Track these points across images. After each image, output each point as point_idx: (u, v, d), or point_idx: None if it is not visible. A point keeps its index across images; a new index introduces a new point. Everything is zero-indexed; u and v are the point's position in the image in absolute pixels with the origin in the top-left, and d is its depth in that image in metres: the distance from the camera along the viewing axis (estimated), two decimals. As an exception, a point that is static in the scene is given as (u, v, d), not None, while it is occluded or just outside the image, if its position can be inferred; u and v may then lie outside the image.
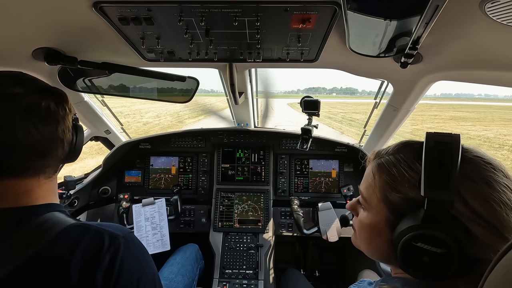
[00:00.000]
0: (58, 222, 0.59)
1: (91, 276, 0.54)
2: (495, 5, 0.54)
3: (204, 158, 1.98)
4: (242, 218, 1.82)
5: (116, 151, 1.84)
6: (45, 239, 0.55)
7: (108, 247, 0.57)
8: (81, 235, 0.58)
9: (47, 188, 0.65)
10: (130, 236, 0.64)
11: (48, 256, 0.54)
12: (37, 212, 0.60)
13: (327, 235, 1.59)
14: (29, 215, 0.59)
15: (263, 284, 1.59)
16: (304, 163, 1.95)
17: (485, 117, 27.77)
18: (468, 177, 0.48)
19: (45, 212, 0.60)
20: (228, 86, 1.33)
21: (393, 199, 0.53)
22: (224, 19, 0.76)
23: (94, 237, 0.58)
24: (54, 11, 0.73)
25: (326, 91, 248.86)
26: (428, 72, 1.07)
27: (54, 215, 0.61)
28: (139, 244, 0.66)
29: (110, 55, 1.11)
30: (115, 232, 0.61)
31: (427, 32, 0.64)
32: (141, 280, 0.60)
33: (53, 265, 0.53)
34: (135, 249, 0.63)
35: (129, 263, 0.59)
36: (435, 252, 0.46)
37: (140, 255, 0.64)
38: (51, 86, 0.66)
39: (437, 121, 23.86)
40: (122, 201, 1.75)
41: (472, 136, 16.29)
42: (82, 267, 0.54)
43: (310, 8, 0.71)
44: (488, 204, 0.46)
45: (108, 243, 0.58)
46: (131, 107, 26.31)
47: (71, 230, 0.58)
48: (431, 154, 0.48)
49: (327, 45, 0.93)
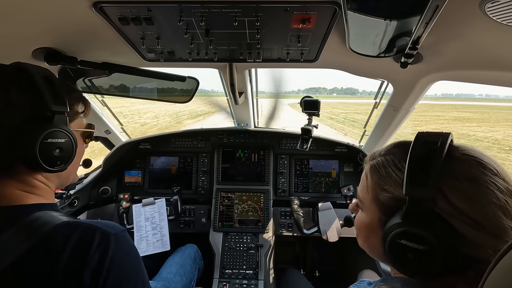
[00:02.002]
0: (49, 221, 0.58)
1: (77, 275, 0.52)
2: (495, 5, 0.54)
3: (204, 158, 1.98)
4: (242, 218, 1.82)
5: (116, 151, 1.84)
6: (35, 238, 0.54)
7: (97, 245, 0.55)
8: (70, 232, 0.56)
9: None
10: (122, 234, 0.61)
11: (36, 254, 0.53)
12: (27, 211, 0.59)
13: (327, 235, 1.59)
14: (19, 214, 0.58)
15: (263, 284, 1.59)
16: (304, 163, 1.95)
17: (490, 117, 27.36)
18: (452, 175, 0.48)
19: (35, 211, 0.59)
20: (228, 86, 1.33)
21: (383, 199, 0.55)
22: (224, 19, 0.76)
23: (84, 235, 0.56)
24: (54, 11, 0.73)
25: (326, 91, 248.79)
26: (428, 72, 1.07)
27: (46, 213, 0.60)
28: (131, 244, 0.64)
29: (110, 55, 1.11)
30: (107, 229, 0.59)
31: (427, 32, 0.64)
32: (130, 281, 0.59)
33: (41, 263, 0.52)
34: (127, 248, 0.61)
35: (118, 263, 0.57)
36: (417, 249, 0.46)
37: (131, 254, 0.62)
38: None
39: (441, 121, 23.58)
40: (122, 201, 1.75)
41: (480, 137, 15.70)
42: (68, 265, 0.53)
43: (310, 8, 0.71)
44: (471, 202, 0.46)
45: (98, 241, 0.56)
46: (130, 107, 26.28)
47: (60, 228, 0.57)
48: (416, 153, 0.49)
49: (327, 45, 0.93)
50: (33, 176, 0.64)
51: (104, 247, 0.56)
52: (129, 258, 0.61)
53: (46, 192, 0.67)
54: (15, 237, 0.54)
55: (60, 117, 0.65)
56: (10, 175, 0.61)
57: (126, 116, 20.36)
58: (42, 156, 0.60)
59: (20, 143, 0.58)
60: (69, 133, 0.67)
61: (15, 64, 0.63)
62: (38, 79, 0.62)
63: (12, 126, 0.58)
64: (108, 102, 1.82)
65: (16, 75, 0.61)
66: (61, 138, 0.64)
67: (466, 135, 16.31)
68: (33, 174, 0.64)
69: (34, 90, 0.61)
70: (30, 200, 0.62)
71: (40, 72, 0.64)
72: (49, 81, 0.64)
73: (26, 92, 0.60)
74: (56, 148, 0.64)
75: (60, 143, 0.64)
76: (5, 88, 0.58)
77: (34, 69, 0.63)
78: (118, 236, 0.59)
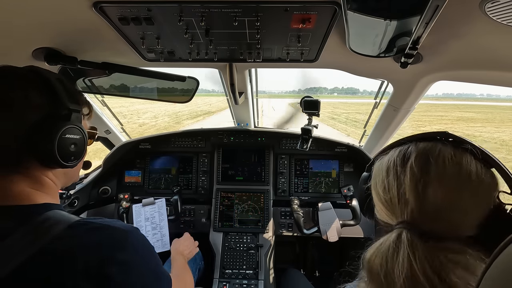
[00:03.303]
0: (61, 220, 0.59)
1: (99, 272, 0.54)
2: (495, 5, 0.54)
3: (204, 158, 1.98)
4: (242, 218, 1.82)
5: (116, 151, 1.84)
6: (47, 237, 0.55)
7: (116, 242, 0.58)
8: (84, 231, 0.58)
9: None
10: (136, 231, 0.65)
11: (49, 254, 0.53)
12: (38, 210, 0.60)
13: (327, 235, 1.59)
14: (31, 213, 0.59)
15: (263, 284, 1.59)
16: (304, 163, 1.95)
17: (493, 118, 27.12)
18: None
19: (46, 211, 0.60)
20: (228, 86, 1.33)
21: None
22: (224, 19, 0.76)
23: (100, 233, 0.59)
24: (54, 11, 0.73)
25: (327, 91, 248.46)
26: (428, 72, 1.07)
27: (56, 212, 0.61)
28: (144, 238, 0.67)
29: (110, 55, 1.11)
30: (122, 227, 0.62)
31: (427, 32, 0.64)
32: (148, 272, 0.62)
33: (59, 261, 0.53)
34: (142, 243, 0.65)
35: (135, 256, 0.60)
36: None
37: (146, 246, 0.66)
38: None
39: (444, 122, 23.40)
40: (122, 201, 1.75)
41: (486, 138, 15.22)
42: (89, 262, 0.54)
43: (310, 8, 0.71)
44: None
45: (115, 239, 0.59)
46: (129, 107, 26.25)
47: (74, 227, 0.58)
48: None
49: (327, 45, 0.93)
50: (43, 173, 0.66)
51: (122, 244, 0.59)
52: (144, 252, 0.64)
53: (53, 190, 0.69)
54: (27, 237, 0.55)
55: (76, 115, 0.69)
56: (20, 172, 0.62)
57: (125, 116, 20.33)
58: (59, 150, 0.63)
59: (40, 138, 0.61)
60: (83, 130, 0.70)
61: (29, 67, 0.67)
62: (53, 80, 0.65)
63: (32, 123, 0.61)
64: (107, 102, 1.82)
65: (32, 77, 0.64)
66: (76, 134, 0.68)
67: (472, 136, 15.90)
68: (43, 171, 0.66)
69: (51, 90, 0.64)
70: (40, 198, 0.63)
71: (53, 74, 0.68)
72: (63, 83, 0.68)
73: (43, 91, 0.64)
74: (72, 144, 0.67)
75: (76, 139, 0.68)
76: (24, 87, 0.62)
77: (47, 71, 0.67)
78: (133, 232, 0.63)
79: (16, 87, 0.61)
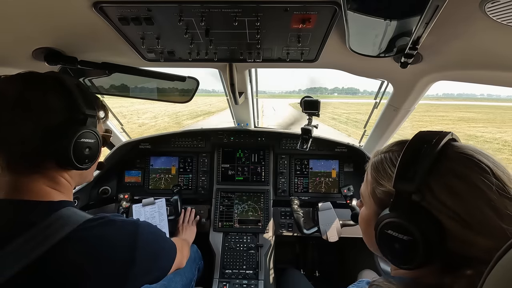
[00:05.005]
0: (76, 216, 0.65)
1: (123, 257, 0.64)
2: (495, 5, 0.54)
3: (204, 158, 1.98)
4: (242, 218, 1.82)
5: (116, 151, 1.84)
6: (65, 231, 0.60)
7: (132, 232, 0.68)
8: (104, 224, 0.65)
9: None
10: (143, 222, 0.75)
11: (69, 246, 0.59)
12: (56, 207, 0.65)
13: (327, 235, 1.59)
14: (49, 209, 0.64)
15: (263, 284, 1.59)
16: (304, 163, 1.95)
17: (495, 118, 26.94)
18: (442, 171, 0.49)
19: (62, 208, 0.65)
20: (228, 86, 1.33)
21: (378, 193, 0.59)
22: (224, 19, 0.76)
23: (116, 226, 0.67)
24: (54, 11, 0.73)
25: (327, 91, 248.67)
26: (428, 72, 1.07)
27: (70, 209, 0.66)
28: (152, 225, 0.80)
29: (110, 55, 1.11)
30: (131, 219, 0.72)
31: (427, 32, 0.64)
32: (161, 249, 0.79)
33: (74, 254, 0.59)
34: (152, 229, 0.78)
35: (151, 241, 0.74)
36: (402, 239, 0.48)
37: (156, 232, 0.80)
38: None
39: (446, 122, 23.27)
40: (122, 201, 1.75)
41: (488, 139, 14.91)
42: (112, 252, 0.63)
43: (310, 8, 0.71)
44: (457, 198, 0.46)
45: (130, 229, 0.69)
46: (129, 107, 26.24)
47: (90, 221, 0.64)
48: (409, 149, 0.52)
49: (327, 45, 0.93)
50: (60, 173, 0.71)
51: (136, 233, 0.69)
52: (155, 236, 0.79)
53: (68, 190, 0.74)
54: (47, 230, 0.59)
55: (92, 120, 0.73)
56: (39, 172, 0.67)
57: (125, 116, 20.31)
58: (74, 153, 0.68)
59: (57, 141, 0.66)
60: (97, 134, 0.75)
61: (50, 73, 0.71)
62: (71, 86, 0.69)
63: (50, 126, 0.65)
64: (107, 102, 1.81)
65: (52, 82, 0.68)
66: (91, 138, 0.72)
67: (474, 136, 15.80)
68: (60, 172, 0.71)
69: (69, 96, 0.68)
70: (57, 196, 0.68)
71: (72, 80, 0.72)
72: (81, 88, 0.72)
73: (62, 97, 0.68)
74: (87, 147, 0.71)
75: (90, 143, 0.72)
76: (44, 92, 0.66)
77: (66, 77, 0.71)
78: (143, 223, 0.74)
79: (36, 90, 0.65)
